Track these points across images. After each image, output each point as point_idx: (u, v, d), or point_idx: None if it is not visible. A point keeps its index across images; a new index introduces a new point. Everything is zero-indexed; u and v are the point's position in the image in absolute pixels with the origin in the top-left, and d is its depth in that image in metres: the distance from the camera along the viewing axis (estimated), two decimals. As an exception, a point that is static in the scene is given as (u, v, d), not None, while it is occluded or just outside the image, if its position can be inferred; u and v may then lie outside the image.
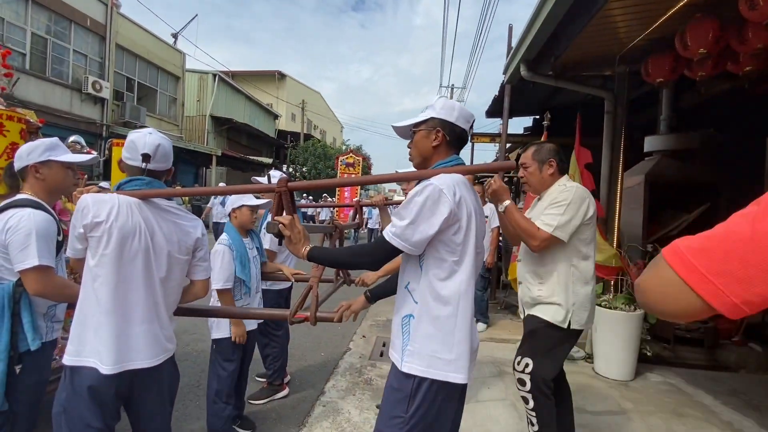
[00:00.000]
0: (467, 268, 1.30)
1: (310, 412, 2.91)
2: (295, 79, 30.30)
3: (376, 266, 1.40)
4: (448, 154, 1.41)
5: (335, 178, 15.12)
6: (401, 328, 1.34)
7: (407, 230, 1.24)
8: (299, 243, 1.37)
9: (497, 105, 8.36)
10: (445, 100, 1.43)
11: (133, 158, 1.42)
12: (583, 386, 3.26)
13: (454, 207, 1.25)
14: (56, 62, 11.63)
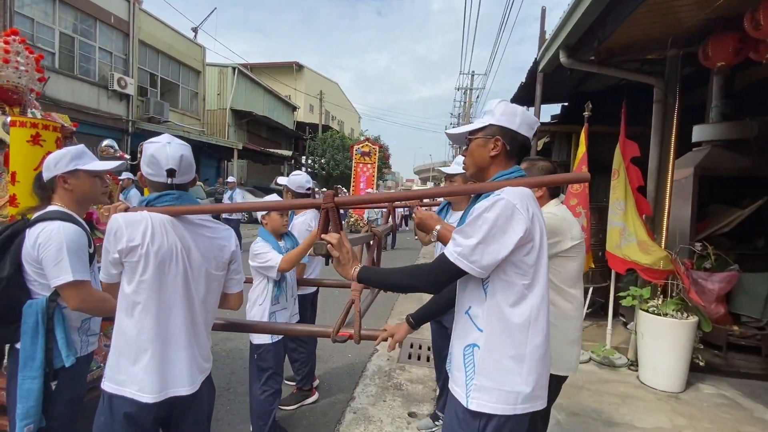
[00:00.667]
0: (539, 292, 1.16)
1: (341, 420, 2.84)
2: (313, 70, 30.19)
3: (437, 290, 1.25)
4: (509, 164, 1.25)
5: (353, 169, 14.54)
6: (463, 358, 1.20)
7: (476, 251, 1.10)
8: (348, 264, 1.26)
9: (524, 92, 8.00)
10: (505, 104, 1.25)
11: (157, 174, 1.32)
12: (628, 398, 3.06)
13: (529, 224, 1.11)
14: (83, 60, 11.85)
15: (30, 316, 1.44)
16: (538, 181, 1.27)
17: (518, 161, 1.28)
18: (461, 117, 28.58)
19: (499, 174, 1.23)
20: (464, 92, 27.63)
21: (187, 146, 1.39)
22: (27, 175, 1.74)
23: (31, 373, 1.43)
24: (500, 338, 1.14)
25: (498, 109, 1.24)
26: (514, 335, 1.14)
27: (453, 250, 1.13)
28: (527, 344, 1.14)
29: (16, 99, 2.33)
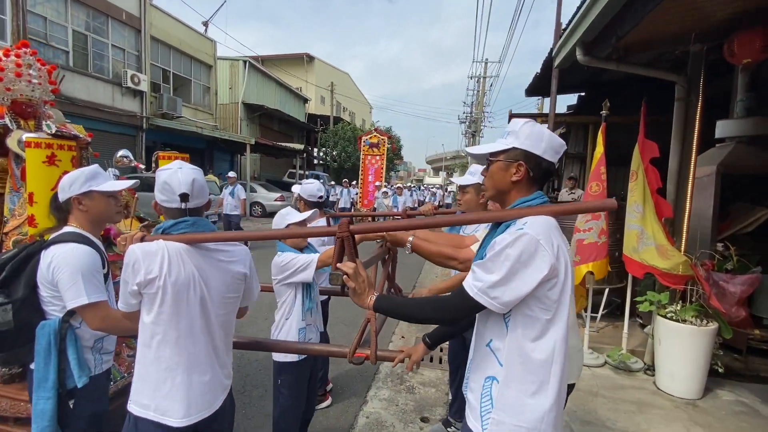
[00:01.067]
0: (562, 326, 1.12)
1: (354, 424, 2.87)
2: (324, 61, 30.02)
3: (455, 322, 1.24)
4: (531, 190, 1.20)
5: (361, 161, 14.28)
6: (482, 389, 1.18)
7: (497, 288, 1.07)
8: (364, 293, 1.22)
9: (539, 83, 7.81)
10: (531, 126, 1.18)
11: (170, 200, 1.33)
12: (644, 405, 3.02)
13: (553, 261, 1.07)
14: (97, 58, 12.00)
15: (43, 337, 1.47)
16: (564, 210, 1.21)
17: (541, 186, 1.23)
18: (474, 106, 28.11)
19: (520, 200, 1.19)
20: (477, 81, 27.11)
21: (198, 170, 1.40)
22: (44, 195, 1.77)
23: (44, 393, 1.46)
24: (521, 374, 1.12)
25: (523, 132, 1.17)
26: (535, 371, 1.11)
27: (473, 284, 1.10)
28: (549, 381, 1.12)
29: (31, 112, 2.31)
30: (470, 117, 28.20)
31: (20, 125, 2.25)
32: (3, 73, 2.15)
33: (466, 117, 29.01)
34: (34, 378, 1.48)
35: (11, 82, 2.17)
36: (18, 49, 2.29)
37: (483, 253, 1.17)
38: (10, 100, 2.22)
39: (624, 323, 3.71)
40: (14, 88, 2.20)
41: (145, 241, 1.29)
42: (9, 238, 2.00)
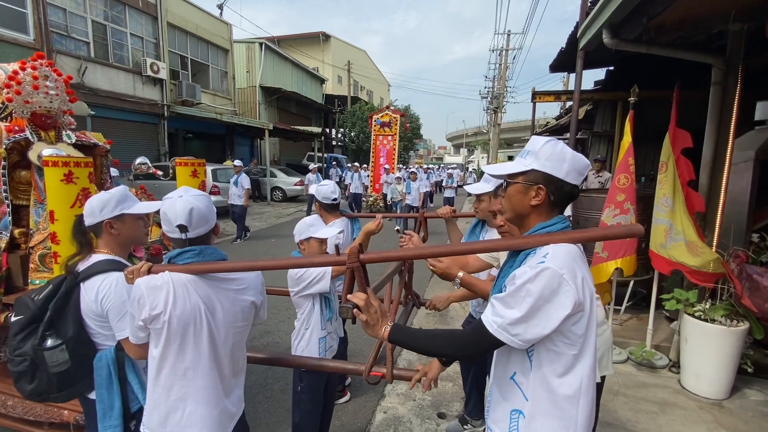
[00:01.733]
0: (589, 360, 1.08)
1: (372, 420, 2.93)
2: (340, 39, 29.45)
3: (475, 358, 1.20)
4: (551, 214, 1.12)
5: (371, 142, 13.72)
6: (509, 422, 1.15)
7: (518, 325, 1.01)
8: (377, 324, 1.16)
9: (564, 59, 7.40)
10: (552, 147, 1.09)
11: (171, 230, 1.32)
12: (667, 405, 2.94)
13: (577, 296, 1.00)
14: (116, 47, 12.13)
15: (102, 369, 1.48)
16: (587, 236, 1.13)
17: (562, 210, 1.15)
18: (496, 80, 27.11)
19: (540, 226, 1.11)
20: (499, 54, 26.01)
21: (201, 197, 1.35)
22: (64, 213, 1.82)
23: (111, 422, 1.49)
24: (548, 410, 1.09)
25: (543, 153, 1.09)
26: (563, 407, 1.08)
27: (492, 320, 1.04)
28: (578, 417, 1.08)
29: (50, 123, 2.35)
30: (492, 92, 27.25)
31: (41, 137, 2.30)
32: (21, 87, 2.18)
33: (487, 92, 28.04)
34: (97, 408, 1.50)
35: (29, 94, 2.21)
36: (34, 60, 2.30)
37: (502, 284, 1.12)
38: (30, 112, 2.26)
39: (649, 317, 3.59)
40: (33, 100, 2.23)
41: (151, 273, 1.29)
42: (35, 252, 2.08)
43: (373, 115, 13.30)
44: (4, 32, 9.12)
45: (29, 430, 2.14)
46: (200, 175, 2.66)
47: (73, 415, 2.00)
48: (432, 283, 6.27)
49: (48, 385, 1.46)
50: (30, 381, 1.45)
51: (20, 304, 1.48)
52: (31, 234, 2.15)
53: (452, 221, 2.37)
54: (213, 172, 11.17)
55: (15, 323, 1.46)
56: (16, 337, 1.44)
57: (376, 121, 13.15)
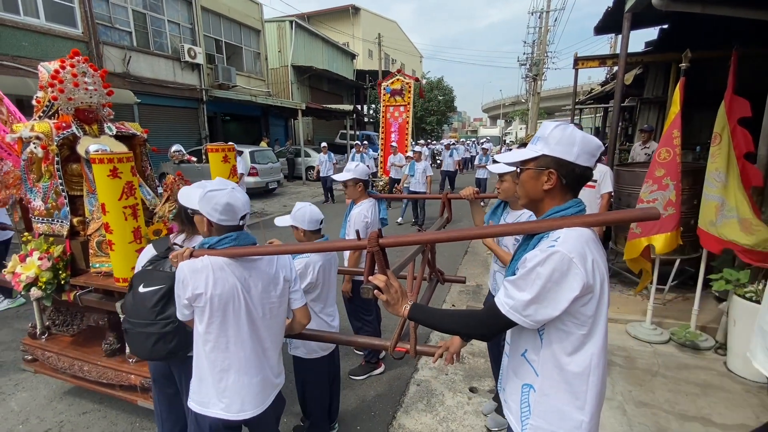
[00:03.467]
0: (599, 340, 1.11)
1: (405, 392, 3.04)
2: (370, 11, 28.74)
3: (489, 338, 1.26)
4: (564, 198, 1.14)
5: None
6: (520, 395, 1.22)
7: (529, 307, 1.06)
8: (398, 303, 1.25)
9: (609, 19, 6.81)
10: (561, 131, 1.10)
11: (232, 219, 1.45)
12: (710, 387, 2.82)
13: (586, 278, 1.03)
14: (156, 35, 12.55)
15: None
16: (599, 220, 1.13)
17: (576, 193, 1.16)
18: (536, 45, 25.50)
19: (554, 210, 1.14)
20: (539, 16, 24.31)
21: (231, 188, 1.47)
22: (113, 205, 1.99)
23: None
24: (557, 385, 1.14)
25: (552, 138, 1.10)
26: (572, 383, 1.13)
27: (505, 302, 1.09)
28: (587, 392, 1.13)
29: (92, 117, 2.50)
30: (531, 58, 25.70)
31: (86, 131, 2.48)
32: (63, 85, 2.32)
33: (526, 59, 26.48)
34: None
35: (71, 92, 2.35)
36: (71, 58, 2.41)
37: (514, 267, 1.16)
38: (73, 108, 2.42)
39: (695, 297, 3.40)
40: (75, 97, 2.38)
41: (192, 257, 1.42)
42: (93, 239, 2.29)
43: (382, 82, 10.83)
44: (56, 27, 9.68)
45: (103, 390, 2.47)
46: (231, 160, 2.76)
47: (139, 379, 2.27)
48: (465, 261, 6.26)
49: (183, 344, 1.63)
50: (170, 341, 1.61)
51: (156, 276, 1.64)
52: (87, 222, 2.37)
53: (476, 203, 2.34)
54: (251, 154, 11.49)
55: (154, 292, 1.61)
56: (159, 303, 1.60)
57: (386, 89, 10.65)
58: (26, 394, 2.96)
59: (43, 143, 2.20)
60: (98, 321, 2.49)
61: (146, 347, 1.62)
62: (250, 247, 1.45)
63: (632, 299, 4.08)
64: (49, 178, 2.33)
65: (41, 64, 2.38)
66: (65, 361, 2.53)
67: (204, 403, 1.48)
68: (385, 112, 10.81)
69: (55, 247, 2.33)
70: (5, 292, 4.35)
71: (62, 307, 2.66)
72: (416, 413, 2.79)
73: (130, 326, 1.64)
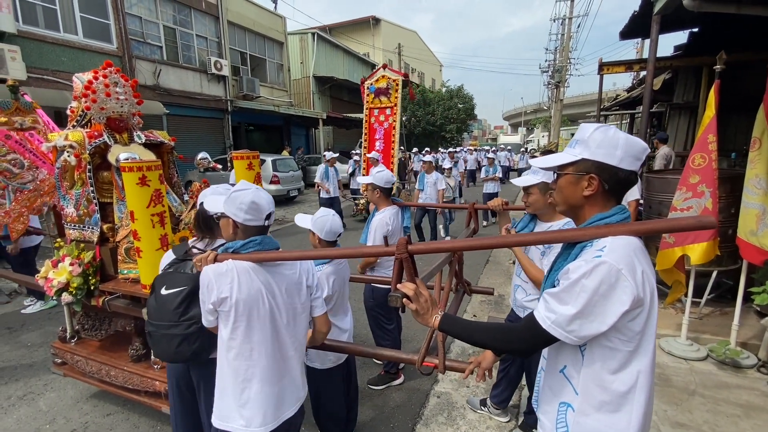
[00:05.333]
0: (646, 357, 1.03)
1: (425, 404, 2.97)
2: (390, 22, 29.12)
3: (528, 354, 1.15)
4: (607, 205, 1.06)
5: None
6: (556, 414, 1.14)
7: (573, 323, 0.98)
8: (427, 313, 1.18)
9: (636, 23, 6.64)
10: (603, 133, 1.03)
11: (257, 218, 1.45)
12: (753, 409, 2.63)
13: (637, 291, 0.96)
14: (185, 49, 13.07)
15: None
16: (650, 228, 1.04)
17: (619, 200, 1.08)
18: (558, 52, 25.16)
19: (598, 217, 1.06)
20: (562, 23, 24.03)
21: (258, 190, 1.48)
22: (142, 213, 2.03)
23: None
24: (599, 405, 1.05)
25: (593, 140, 1.03)
26: (615, 403, 1.04)
27: (546, 316, 1.01)
28: (632, 413, 1.04)
29: (123, 126, 2.59)
30: (553, 65, 25.35)
31: (116, 140, 2.56)
32: (96, 95, 2.41)
33: (548, 65, 26.15)
34: None
35: (103, 102, 2.45)
36: (104, 69, 2.51)
37: (554, 278, 1.08)
38: (105, 118, 2.51)
39: (735, 311, 3.21)
40: (107, 106, 2.47)
41: (216, 261, 1.42)
42: (121, 246, 2.36)
43: (365, 80, 8.98)
44: (93, 42, 10.21)
45: (129, 395, 2.51)
46: (255, 167, 2.80)
47: (163, 386, 2.28)
48: (486, 270, 6.13)
49: (206, 345, 1.64)
50: (194, 342, 1.61)
51: (178, 278, 1.66)
52: (116, 228, 2.44)
53: (505, 213, 2.27)
54: (273, 162, 11.73)
55: (177, 293, 1.62)
56: (182, 305, 1.62)
57: (369, 88, 8.81)
58: (54, 394, 3.06)
59: (76, 152, 2.29)
60: (125, 326, 2.55)
61: (170, 349, 1.63)
62: (274, 252, 1.44)
63: (665, 312, 3.88)
64: (81, 185, 2.41)
65: (75, 75, 2.48)
66: (93, 365, 2.59)
67: (225, 417, 1.44)
68: (369, 116, 8.91)
69: (85, 253, 2.40)
70: (37, 294, 4.54)
71: (91, 312, 2.74)
72: (436, 426, 2.72)
73: (154, 329, 1.65)
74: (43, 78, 8.97)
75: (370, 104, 8.79)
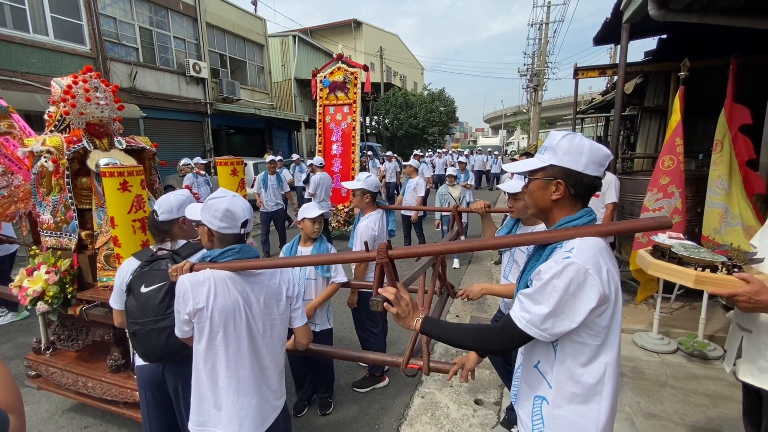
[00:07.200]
0: (613, 350, 1.10)
1: (410, 404, 3.01)
2: (371, 25, 29.25)
3: (507, 353, 1.22)
4: (574, 208, 1.14)
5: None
6: (532, 407, 1.21)
7: (547, 321, 1.04)
8: (408, 316, 1.22)
9: (609, 30, 6.89)
10: (569, 141, 1.10)
11: (232, 227, 1.43)
12: (720, 398, 2.78)
13: (603, 289, 1.02)
14: (162, 51, 12.80)
15: None
16: (613, 230, 1.12)
17: (585, 203, 1.16)
18: (536, 56, 25.75)
19: (566, 219, 1.13)
20: (539, 28, 24.62)
21: (236, 198, 1.47)
22: (122, 219, 2.01)
23: None
24: (571, 397, 1.12)
25: (560, 147, 1.10)
26: (585, 394, 1.11)
27: (521, 316, 1.08)
28: (601, 401, 1.11)
29: (103, 131, 2.54)
30: (531, 69, 25.94)
31: (96, 145, 2.52)
32: (75, 100, 2.37)
33: (527, 69, 26.74)
34: None
35: (83, 106, 2.40)
36: (84, 74, 2.47)
37: (527, 278, 1.15)
38: (85, 123, 2.46)
39: (702, 306, 3.38)
40: (86, 111, 2.42)
41: (193, 271, 1.40)
42: (101, 253, 2.32)
43: (317, 72, 7.85)
44: (65, 44, 9.90)
45: (107, 407, 2.44)
46: (239, 173, 2.79)
47: (143, 396, 2.23)
48: (468, 271, 6.24)
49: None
50: None
51: (155, 275, 1.66)
52: (95, 235, 2.39)
53: (487, 216, 2.34)
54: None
55: (158, 289, 1.62)
56: (165, 298, 1.61)
57: (323, 81, 7.56)
58: (28, 408, 2.96)
59: (54, 157, 2.24)
60: (104, 336, 2.49)
61: (160, 343, 1.61)
62: (252, 261, 1.42)
63: (638, 309, 4.05)
64: (59, 191, 2.36)
65: (54, 80, 2.43)
66: (69, 377, 2.52)
67: (203, 422, 1.42)
68: (324, 113, 7.64)
69: (62, 261, 2.35)
70: (10, 305, 4.38)
71: (68, 322, 2.67)
72: (421, 426, 2.76)
73: (139, 327, 1.62)
74: (11, 80, 8.65)
75: (324, 100, 7.50)
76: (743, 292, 1.34)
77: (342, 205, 7.68)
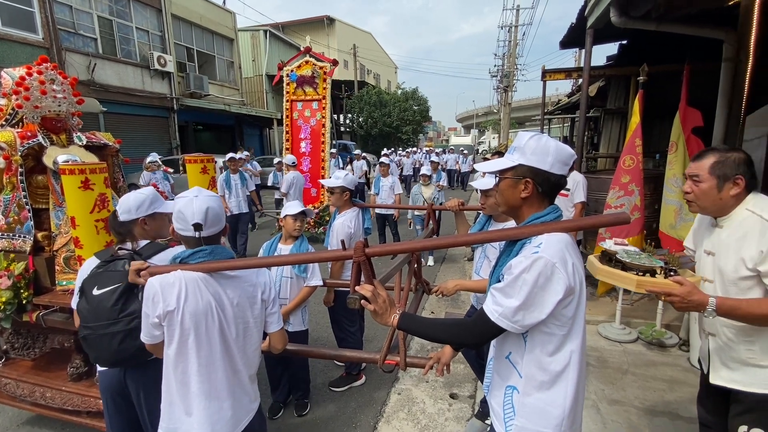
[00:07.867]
0: (578, 338, 1.17)
1: (386, 401, 3.03)
2: (345, 22, 29.07)
3: (480, 346, 1.27)
4: (542, 205, 1.20)
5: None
6: (503, 397, 1.26)
7: (518, 314, 1.09)
8: (386, 312, 1.24)
9: (574, 35, 7.17)
10: (536, 141, 1.16)
11: (185, 229, 1.37)
12: (676, 383, 2.97)
13: (569, 281, 1.08)
14: (123, 42, 12.22)
15: None
16: (577, 225, 1.19)
17: (552, 200, 1.22)
18: (506, 58, 26.39)
19: (534, 216, 1.19)
20: (509, 30, 25.23)
21: (215, 198, 1.43)
22: (84, 218, 1.91)
23: None
24: (539, 385, 1.18)
25: (528, 148, 1.16)
26: (553, 381, 1.17)
27: (494, 309, 1.12)
28: (567, 388, 1.17)
29: (60, 126, 2.40)
30: (502, 70, 26.57)
31: (53, 141, 2.37)
32: (29, 92, 2.23)
33: (497, 70, 27.37)
34: None
35: (38, 99, 2.26)
36: (39, 65, 2.32)
37: (499, 273, 1.19)
38: (40, 117, 2.31)
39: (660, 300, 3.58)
40: (42, 105, 2.28)
41: (163, 273, 1.34)
42: (60, 255, 2.19)
43: (283, 65, 7.37)
44: (14, 32, 9.26)
45: (68, 418, 2.32)
46: (210, 172, 2.71)
47: (107, 404, 2.13)
48: (443, 268, 6.34)
49: None
50: (137, 337, 1.46)
51: (109, 277, 1.59)
52: (53, 237, 2.26)
53: (461, 214, 2.39)
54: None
55: (112, 291, 1.56)
56: (119, 301, 1.55)
57: (290, 75, 7.13)
58: (-20, 422, 2.77)
59: (6, 153, 2.10)
60: (63, 343, 2.36)
61: (111, 348, 1.55)
62: (224, 261, 1.37)
63: (603, 301, 4.25)
64: (12, 190, 2.21)
65: (5, 71, 2.27)
66: (25, 388, 2.37)
67: (173, 429, 1.37)
68: (292, 109, 7.29)
69: (16, 264, 2.20)
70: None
71: (22, 329, 2.51)
72: (398, 422, 2.79)
73: (90, 331, 1.55)
74: (-46, 69, 8.02)
75: (292, 95, 7.16)
76: (678, 293, 1.43)
77: (312, 206, 7.46)
